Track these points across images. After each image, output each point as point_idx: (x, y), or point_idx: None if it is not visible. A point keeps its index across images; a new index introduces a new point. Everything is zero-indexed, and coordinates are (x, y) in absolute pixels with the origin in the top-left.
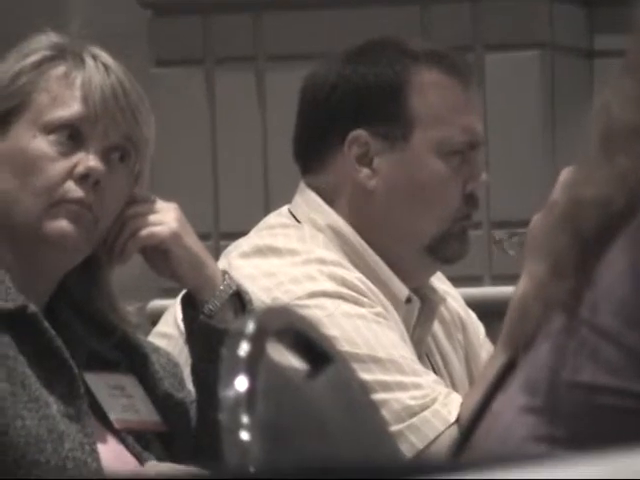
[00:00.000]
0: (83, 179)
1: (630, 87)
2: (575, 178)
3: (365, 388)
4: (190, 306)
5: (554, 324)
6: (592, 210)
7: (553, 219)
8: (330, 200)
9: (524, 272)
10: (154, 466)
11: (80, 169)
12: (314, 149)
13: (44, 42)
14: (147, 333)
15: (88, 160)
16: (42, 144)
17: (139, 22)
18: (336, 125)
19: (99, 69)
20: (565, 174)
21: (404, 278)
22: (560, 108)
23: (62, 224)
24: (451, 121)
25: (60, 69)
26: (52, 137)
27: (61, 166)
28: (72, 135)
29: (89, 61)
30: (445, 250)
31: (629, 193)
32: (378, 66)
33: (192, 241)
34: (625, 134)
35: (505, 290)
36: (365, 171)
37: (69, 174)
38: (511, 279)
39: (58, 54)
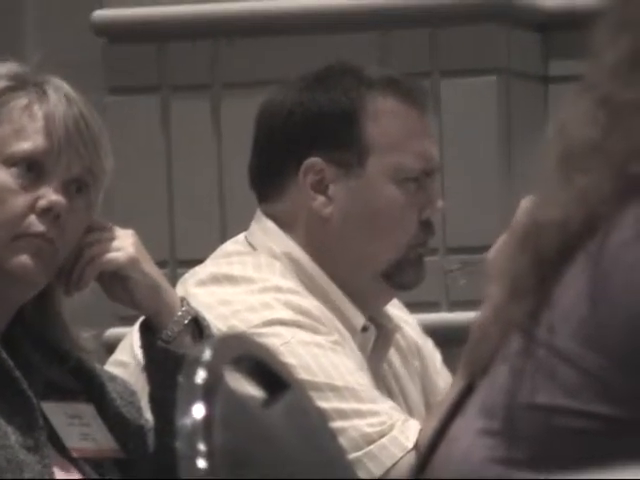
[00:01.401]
0: (45, 213)
1: (588, 107)
2: (535, 202)
3: (323, 416)
4: (148, 332)
5: (511, 346)
6: (552, 231)
7: (512, 243)
8: (287, 228)
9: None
10: None
11: (43, 203)
12: (270, 177)
13: (4, 71)
14: (103, 361)
15: (50, 194)
16: (4, 176)
17: (93, 50)
18: (291, 152)
19: (61, 101)
20: (525, 202)
21: (360, 305)
22: (516, 134)
23: (23, 259)
24: (406, 148)
25: (22, 100)
26: (14, 169)
27: (23, 199)
28: (34, 168)
29: (51, 93)
30: (401, 277)
31: (588, 213)
32: (333, 93)
33: (150, 267)
34: (584, 153)
35: (462, 316)
36: (320, 198)
37: (31, 208)
38: (468, 305)
39: (19, 84)
